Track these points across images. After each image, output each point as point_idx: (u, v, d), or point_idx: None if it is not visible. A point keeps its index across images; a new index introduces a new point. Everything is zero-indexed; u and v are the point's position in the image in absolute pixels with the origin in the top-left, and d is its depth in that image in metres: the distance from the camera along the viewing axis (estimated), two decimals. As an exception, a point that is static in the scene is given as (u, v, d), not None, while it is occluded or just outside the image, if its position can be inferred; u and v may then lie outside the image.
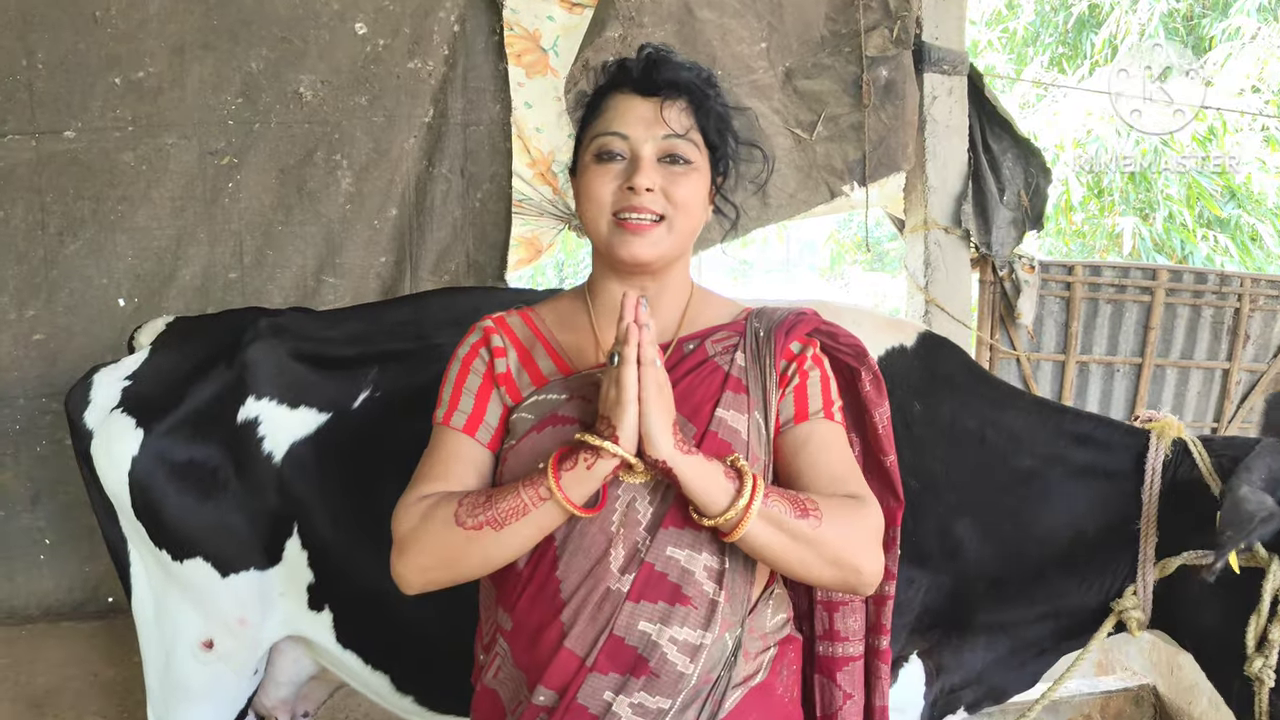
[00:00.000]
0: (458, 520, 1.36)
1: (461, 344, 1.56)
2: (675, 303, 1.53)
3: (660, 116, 1.45)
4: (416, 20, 3.39)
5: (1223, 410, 4.91)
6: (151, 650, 2.29)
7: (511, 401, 1.49)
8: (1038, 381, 4.55)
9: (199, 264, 3.27)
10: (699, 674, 1.38)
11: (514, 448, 1.45)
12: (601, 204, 1.45)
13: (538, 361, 1.51)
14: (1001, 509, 2.10)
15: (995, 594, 2.09)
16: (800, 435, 1.47)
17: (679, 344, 1.50)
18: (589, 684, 1.37)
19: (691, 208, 1.47)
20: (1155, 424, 2.09)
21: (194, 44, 3.24)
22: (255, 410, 2.16)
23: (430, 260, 3.47)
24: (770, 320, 1.53)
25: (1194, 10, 11.08)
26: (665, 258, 1.47)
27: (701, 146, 1.48)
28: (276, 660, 2.33)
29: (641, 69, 1.48)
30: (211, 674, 2.24)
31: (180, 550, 2.18)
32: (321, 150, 3.35)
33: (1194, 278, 4.86)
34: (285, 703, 2.45)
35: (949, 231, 4.01)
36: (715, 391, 1.44)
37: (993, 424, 2.15)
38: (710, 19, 3.65)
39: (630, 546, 1.38)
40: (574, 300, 1.58)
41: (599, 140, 1.46)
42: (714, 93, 1.53)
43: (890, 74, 3.85)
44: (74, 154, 3.17)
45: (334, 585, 2.17)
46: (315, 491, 2.13)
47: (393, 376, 2.18)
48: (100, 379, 2.30)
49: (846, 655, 1.63)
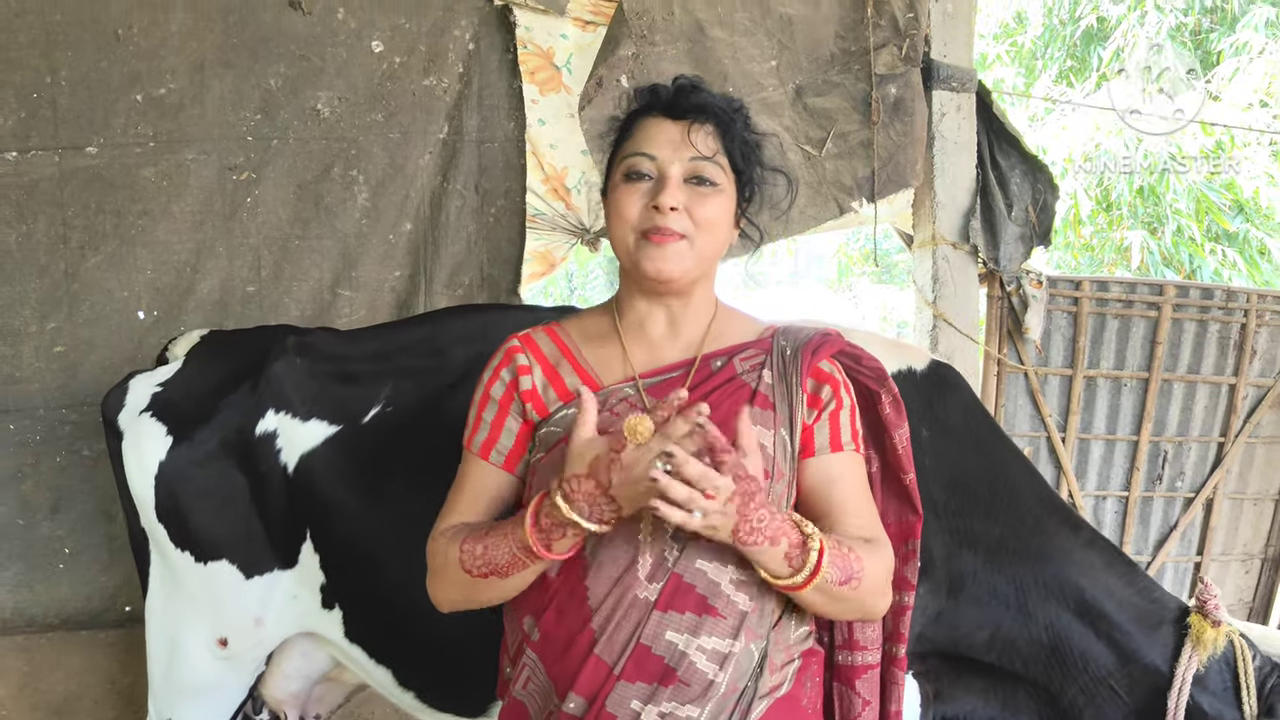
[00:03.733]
0: (464, 567, 1.45)
1: (486, 367, 1.62)
2: (700, 320, 1.58)
3: (688, 139, 1.50)
4: (432, 39, 3.45)
5: (1229, 425, 4.96)
6: (158, 646, 2.41)
7: (538, 416, 1.55)
8: (1045, 396, 4.60)
9: (217, 277, 3.32)
10: (727, 683, 1.42)
11: (543, 460, 1.51)
12: (629, 221, 1.50)
13: (564, 378, 1.56)
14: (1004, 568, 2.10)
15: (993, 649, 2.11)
16: (835, 468, 1.54)
17: (704, 361, 1.54)
18: (617, 692, 1.41)
19: (715, 228, 1.52)
20: (1196, 623, 1.98)
21: (214, 61, 3.28)
22: (274, 423, 2.28)
23: (445, 274, 3.52)
24: (797, 339, 1.58)
25: (1202, 24, 11.15)
26: (689, 275, 1.52)
27: (728, 169, 1.54)
28: (287, 654, 2.43)
29: (671, 94, 1.54)
30: (220, 670, 2.36)
31: (205, 553, 2.30)
32: (338, 166, 3.40)
33: (1200, 293, 4.95)
34: (295, 697, 2.54)
35: (957, 247, 4.09)
36: (742, 406, 1.48)
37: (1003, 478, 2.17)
38: (722, 37, 3.72)
39: (658, 556, 1.43)
40: (601, 316, 1.63)
41: (628, 160, 1.52)
42: (741, 120, 1.58)
43: (899, 91, 3.92)
44: (96, 169, 3.21)
45: (343, 586, 2.28)
46: (326, 499, 2.24)
47: (405, 392, 2.29)
48: (136, 384, 2.44)
49: (865, 664, 1.68)
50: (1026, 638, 2.06)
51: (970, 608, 2.06)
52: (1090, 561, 2.12)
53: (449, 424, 2.10)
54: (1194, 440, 4.98)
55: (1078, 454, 4.80)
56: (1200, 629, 1.95)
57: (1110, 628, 2.05)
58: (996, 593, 2.05)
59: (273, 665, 2.43)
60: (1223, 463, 4.99)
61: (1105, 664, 2.04)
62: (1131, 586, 2.11)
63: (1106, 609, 2.06)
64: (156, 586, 2.40)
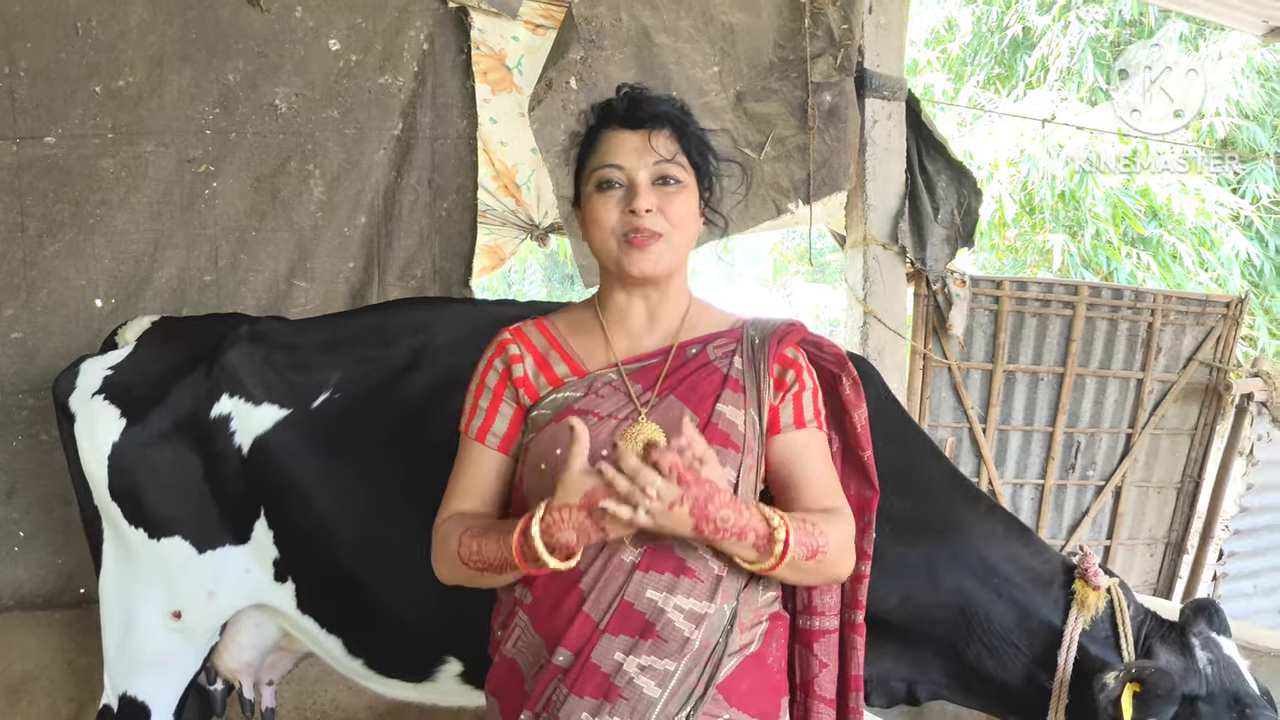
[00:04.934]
0: (462, 560, 1.58)
1: (482, 356, 1.75)
2: (676, 311, 1.73)
3: (649, 145, 1.63)
4: (388, 38, 3.51)
5: (1137, 417, 5.20)
6: (113, 622, 2.46)
7: (530, 401, 1.68)
8: (968, 389, 4.79)
9: (175, 267, 3.36)
10: (701, 640, 1.56)
11: (535, 438, 1.64)
12: (608, 228, 1.64)
13: (553, 366, 1.70)
14: (914, 540, 2.24)
15: (904, 613, 2.25)
16: (799, 442, 1.68)
17: (681, 348, 1.69)
18: (602, 644, 1.54)
19: (686, 222, 1.66)
20: (1080, 588, 2.17)
21: (173, 55, 3.32)
22: (229, 407, 2.35)
23: (397, 267, 3.59)
24: (764, 330, 1.72)
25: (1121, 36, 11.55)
26: (669, 269, 1.66)
27: (687, 167, 1.67)
28: (240, 625, 2.51)
29: (626, 106, 1.67)
30: (174, 643, 2.42)
31: (158, 530, 2.36)
32: (295, 160, 3.45)
33: (1112, 294, 5.16)
34: (249, 666, 2.62)
35: (886, 247, 4.24)
36: (716, 389, 1.64)
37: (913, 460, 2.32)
38: (667, 44, 3.83)
39: None
40: (585, 310, 1.77)
41: (598, 173, 1.65)
42: (690, 120, 1.71)
43: (834, 99, 4.06)
44: (54, 159, 3.24)
45: (296, 560, 2.36)
46: (280, 479, 2.32)
47: (353, 380, 2.37)
48: (87, 367, 2.49)
49: (824, 629, 1.82)
50: (935, 601, 2.22)
51: (884, 576, 2.18)
52: (990, 530, 2.30)
53: (397, 410, 2.29)
54: (1105, 431, 5.20)
55: (997, 444, 5.00)
56: (1084, 594, 2.17)
57: (1009, 589, 2.23)
58: (907, 562, 2.21)
59: (226, 636, 2.52)
60: (1130, 452, 5.22)
61: (1006, 622, 2.22)
62: (1027, 549, 2.29)
63: (1005, 571, 2.24)
64: (110, 564, 2.46)
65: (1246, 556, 5.39)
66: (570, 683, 1.55)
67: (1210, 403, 5.30)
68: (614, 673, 1.54)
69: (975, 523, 2.29)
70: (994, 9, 11.75)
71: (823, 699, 1.81)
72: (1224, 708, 2.09)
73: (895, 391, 4.13)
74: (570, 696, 1.54)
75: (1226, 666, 2.13)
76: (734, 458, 1.60)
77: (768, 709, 1.65)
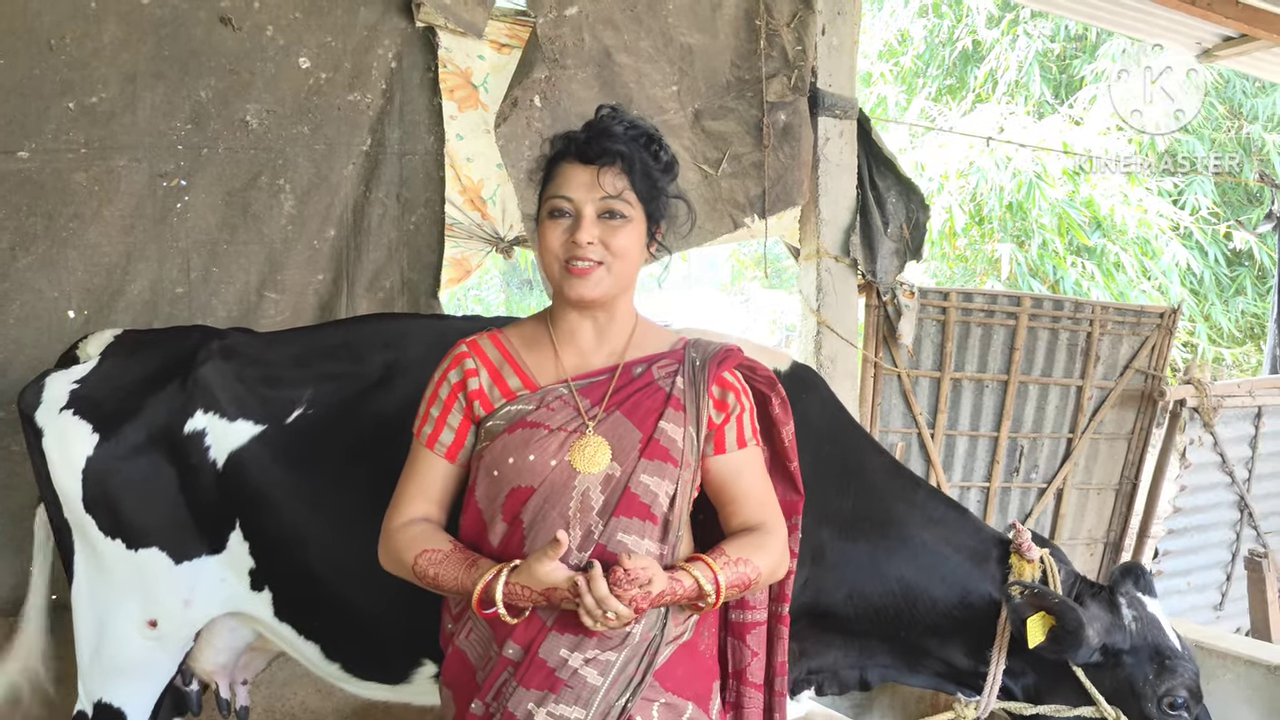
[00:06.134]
0: (416, 573, 1.74)
1: (437, 367, 1.86)
2: (622, 331, 1.85)
3: (598, 181, 1.74)
4: (357, 56, 3.60)
5: (1077, 423, 5.40)
6: (86, 630, 2.49)
7: (484, 412, 1.80)
8: (916, 395, 4.96)
9: (147, 279, 3.41)
10: (640, 633, 1.70)
11: (489, 446, 1.76)
12: (554, 252, 1.76)
13: (506, 379, 1.82)
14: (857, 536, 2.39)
15: (851, 605, 2.39)
16: (738, 461, 1.84)
17: (627, 367, 1.81)
18: (549, 642, 1.68)
19: (627, 253, 1.77)
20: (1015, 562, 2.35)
21: (146, 73, 3.38)
22: (203, 422, 2.40)
23: (366, 279, 3.67)
24: (705, 353, 1.85)
25: (1067, 50, 11.87)
26: (607, 295, 1.78)
27: (634, 203, 1.78)
28: (216, 630, 2.56)
29: (583, 141, 1.79)
30: (149, 650, 2.47)
31: (135, 540, 2.40)
32: (266, 175, 3.52)
33: (1053, 305, 5.34)
34: (224, 668, 2.68)
35: (839, 260, 4.40)
36: (659, 406, 1.77)
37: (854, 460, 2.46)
38: (627, 63, 3.96)
39: (585, 530, 1.70)
40: (537, 325, 1.89)
41: (550, 201, 1.78)
42: (647, 154, 1.81)
43: (788, 118, 4.22)
44: (27, 173, 3.28)
45: (273, 570, 2.42)
46: (255, 492, 2.38)
47: (324, 395, 2.43)
48: (52, 381, 2.51)
49: (754, 621, 1.96)
50: (880, 591, 2.37)
51: (830, 573, 2.35)
52: (928, 515, 2.45)
53: (368, 424, 2.36)
54: (1047, 436, 5.41)
55: (945, 448, 5.17)
56: (1019, 567, 2.34)
57: (949, 570, 2.39)
58: (851, 557, 2.36)
59: (201, 641, 2.56)
60: (1071, 456, 5.43)
61: (948, 601, 2.37)
62: (964, 530, 2.46)
63: (944, 553, 2.40)
64: (82, 574, 2.48)
65: (1180, 555, 5.60)
66: (520, 676, 1.69)
67: (1146, 408, 5.51)
68: (559, 667, 1.68)
69: (914, 512, 2.44)
70: (945, 22, 12.01)
71: (753, 684, 1.96)
72: (1146, 659, 2.27)
73: (847, 398, 4.30)
74: (519, 688, 1.68)
75: (1149, 622, 2.31)
76: (672, 471, 1.74)
77: (700, 691, 1.81)
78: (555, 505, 1.70)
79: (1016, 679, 2.37)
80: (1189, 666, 2.26)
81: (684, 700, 1.77)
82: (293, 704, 3.48)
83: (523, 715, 1.68)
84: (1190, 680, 2.25)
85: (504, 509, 1.73)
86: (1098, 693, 2.25)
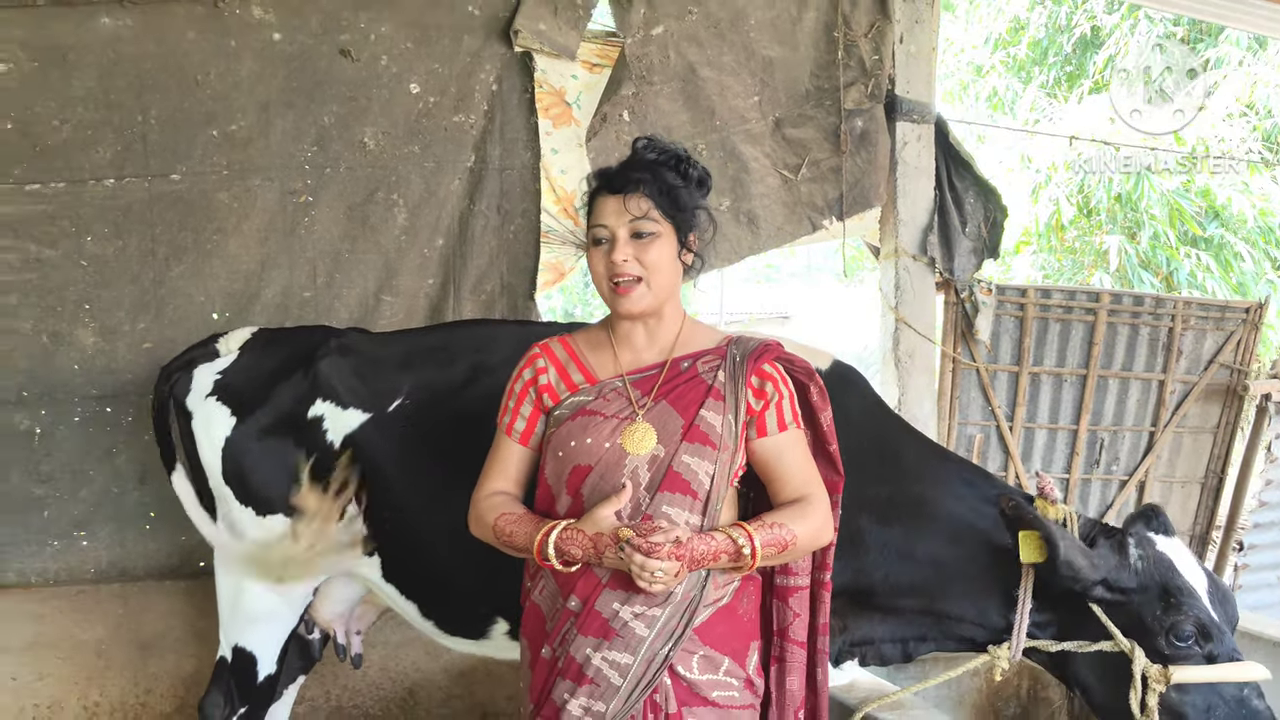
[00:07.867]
0: (496, 536, 2.04)
1: (516, 366, 2.17)
2: (670, 331, 2.11)
3: (624, 207, 2.00)
4: (461, 81, 3.93)
5: (1159, 416, 5.40)
6: (225, 586, 2.90)
7: (552, 403, 2.10)
8: (995, 390, 5.03)
9: (279, 285, 3.81)
10: (682, 593, 1.96)
11: (555, 432, 2.06)
12: (600, 274, 2.04)
13: (571, 375, 2.11)
14: (892, 521, 2.55)
15: (888, 584, 2.57)
16: (781, 443, 2.06)
17: (674, 363, 2.07)
18: (604, 596, 1.96)
19: (661, 265, 2.01)
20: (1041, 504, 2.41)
21: (277, 102, 3.77)
22: (322, 409, 2.79)
23: (470, 283, 4.00)
24: (745, 348, 2.10)
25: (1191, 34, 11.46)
26: (650, 307, 2.04)
27: (661, 219, 2.02)
28: (332, 584, 2.95)
29: (611, 175, 2.05)
30: (276, 603, 2.84)
31: (263, 508, 2.80)
32: (381, 191, 3.88)
33: (1133, 300, 5.35)
34: (340, 617, 3.09)
35: (917, 259, 4.54)
36: (700, 397, 2.02)
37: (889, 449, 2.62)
38: (711, 77, 4.21)
39: (635, 502, 1.97)
40: (600, 329, 2.17)
41: (591, 231, 2.05)
42: (674, 174, 2.04)
43: (865, 124, 4.39)
44: (179, 193, 3.71)
45: (380, 537, 2.77)
46: (364, 470, 2.74)
47: (421, 388, 2.79)
48: (199, 372, 2.94)
49: (796, 585, 2.19)
50: (915, 570, 2.55)
51: (867, 556, 2.54)
52: (958, 489, 2.59)
53: (456, 415, 2.71)
54: (1128, 429, 5.41)
55: (1024, 441, 5.23)
56: (1044, 509, 2.42)
57: (981, 536, 2.52)
58: (888, 542, 2.55)
59: (320, 594, 2.94)
60: (1153, 449, 5.42)
61: (979, 564, 2.51)
62: (991, 494, 2.56)
63: (973, 521, 2.54)
64: (224, 537, 2.90)
65: (1267, 549, 5.53)
66: (580, 625, 1.97)
67: (1231, 403, 5.47)
68: (612, 618, 1.95)
69: (943, 487, 2.59)
70: (1063, 8, 11.73)
71: (796, 642, 2.18)
72: (1154, 598, 2.34)
73: (925, 392, 4.47)
74: (578, 636, 1.97)
75: (1158, 561, 2.37)
76: (711, 453, 1.99)
77: (738, 648, 2.05)
78: (609, 481, 1.97)
79: (1043, 625, 2.47)
80: (1194, 602, 2.31)
81: (721, 655, 2.01)
82: (405, 664, 3.85)
83: (581, 659, 1.96)
84: (1196, 614, 2.30)
85: (567, 484, 2.02)
86: (1114, 627, 2.34)
